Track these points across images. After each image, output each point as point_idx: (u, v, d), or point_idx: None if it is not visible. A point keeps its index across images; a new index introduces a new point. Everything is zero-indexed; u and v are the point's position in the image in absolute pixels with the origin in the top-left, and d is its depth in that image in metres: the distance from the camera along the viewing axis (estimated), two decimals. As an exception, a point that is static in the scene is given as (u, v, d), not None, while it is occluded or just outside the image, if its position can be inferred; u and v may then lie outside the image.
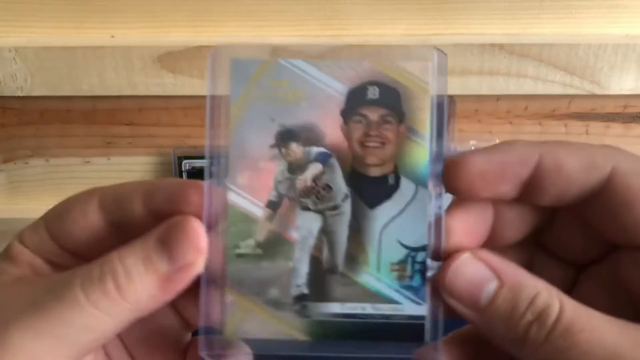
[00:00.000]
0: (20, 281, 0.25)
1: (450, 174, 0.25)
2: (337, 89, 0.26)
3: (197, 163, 0.57)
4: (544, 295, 0.23)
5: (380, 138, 0.26)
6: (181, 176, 0.58)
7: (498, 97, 0.57)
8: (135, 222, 0.25)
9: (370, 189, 0.26)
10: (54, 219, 0.26)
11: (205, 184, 0.25)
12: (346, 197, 0.26)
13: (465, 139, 0.58)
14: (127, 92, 0.55)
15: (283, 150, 0.26)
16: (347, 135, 0.26)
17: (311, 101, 0.26)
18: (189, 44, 0.53)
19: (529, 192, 0.25)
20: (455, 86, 0.54)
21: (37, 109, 0.59)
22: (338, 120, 0.26)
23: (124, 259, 0.24)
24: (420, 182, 0.26)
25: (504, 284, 0.23)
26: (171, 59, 0.54)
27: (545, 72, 0.54)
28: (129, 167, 0.61)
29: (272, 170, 0.26)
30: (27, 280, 0.25)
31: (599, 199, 0.24)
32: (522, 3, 0.54)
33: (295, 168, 0.26)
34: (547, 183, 0.24)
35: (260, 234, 0.26)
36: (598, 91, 0.55)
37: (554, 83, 0.55)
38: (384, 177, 0.26)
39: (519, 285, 0.23)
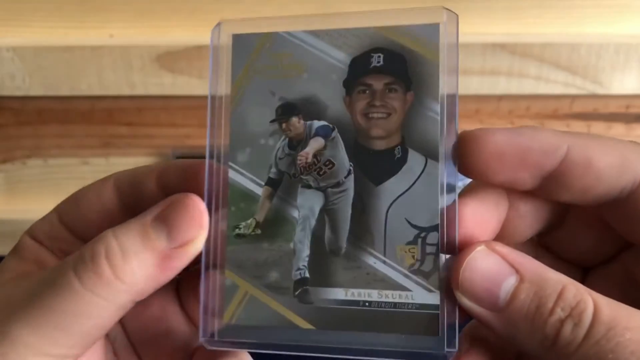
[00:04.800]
0: (21, 277, 0.25)
1: (465, 149, 0.23)
2: (339, 59, 0.24)
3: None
4: (571, 289, 0.21)
5: (385, 108, 0.24)
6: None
7: (499, 97, 0.57)
8: (149, 203, 0.25)
9: (375, 164, 0.24)
10: (67, 205, 0.26)
11: (207, 162, 0.24)
12: (349, 173, 0.24)
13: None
14: (125, 92, 0.55)
15: (284, 125, 0.25)
16: (351, 106, 0.24)
17: (313, 72, 0.25)
18: (188, 44, 0.53)
19: (549, 185, 0.23)
20: (457, 86, 0.54)
21: (35, 109, 0.58)
22: (341, 91, 0.24)
23: (119, 237, 0.23)
24: (430, 155, 0.23)
25: (525, 279, 0.21)
26: (170, 58, 0.53)
27: (547, 72, 0.54)
28: (127, 168, 0.60)
29: (272, 146, 0.25)
30: (29, 274, 0.25)
31: (628, 201, 0.23)
32: (523, 2, 0.54)
33: (296, 143, 0.25)
34: (572, 178, 0.22)
35: (260, 214, 0.25)
36: (600, 91, 0.55)
37: (556, 83, 0.54)
38: (390, 151, 0.24)
39: (542, 279, 0.21)
